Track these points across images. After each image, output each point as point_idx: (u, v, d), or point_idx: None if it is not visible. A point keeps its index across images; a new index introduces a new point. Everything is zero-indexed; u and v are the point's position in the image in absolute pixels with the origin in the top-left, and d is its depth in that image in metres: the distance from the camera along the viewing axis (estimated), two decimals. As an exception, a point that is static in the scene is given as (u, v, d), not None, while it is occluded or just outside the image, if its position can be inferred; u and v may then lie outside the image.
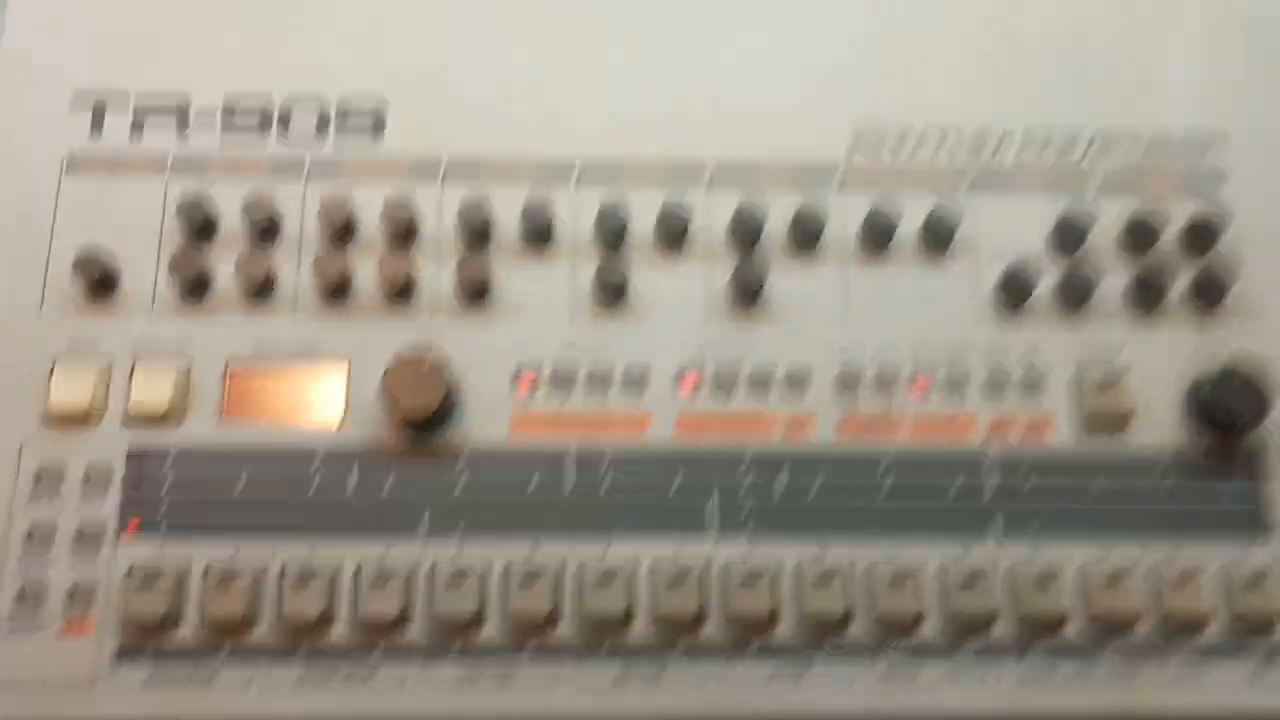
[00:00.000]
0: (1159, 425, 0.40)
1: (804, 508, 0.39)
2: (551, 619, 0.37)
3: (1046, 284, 0.41)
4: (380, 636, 0.37)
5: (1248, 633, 0.38)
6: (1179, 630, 0.38)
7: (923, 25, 0.45)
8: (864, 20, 0.45)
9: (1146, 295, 0.41)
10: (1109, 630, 0.38)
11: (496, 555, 0.38)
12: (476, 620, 0.37)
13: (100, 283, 0.40)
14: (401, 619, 0.37)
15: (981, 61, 0.44)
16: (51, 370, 0.39)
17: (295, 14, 0.43)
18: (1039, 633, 0.38)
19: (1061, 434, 0.40)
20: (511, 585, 0.37)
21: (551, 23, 0.44)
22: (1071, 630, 0.38)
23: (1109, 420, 0.40)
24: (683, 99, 0.43)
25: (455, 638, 0.37)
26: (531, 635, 0.37)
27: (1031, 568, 0.38)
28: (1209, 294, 0.41)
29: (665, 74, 0.43)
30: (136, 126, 0.42)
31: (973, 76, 0.44)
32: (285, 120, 0.42)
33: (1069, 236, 0.42)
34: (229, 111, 0.42)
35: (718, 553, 0.38)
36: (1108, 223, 0.42)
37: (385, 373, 0.38)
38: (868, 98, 0.44)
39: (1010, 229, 0.42)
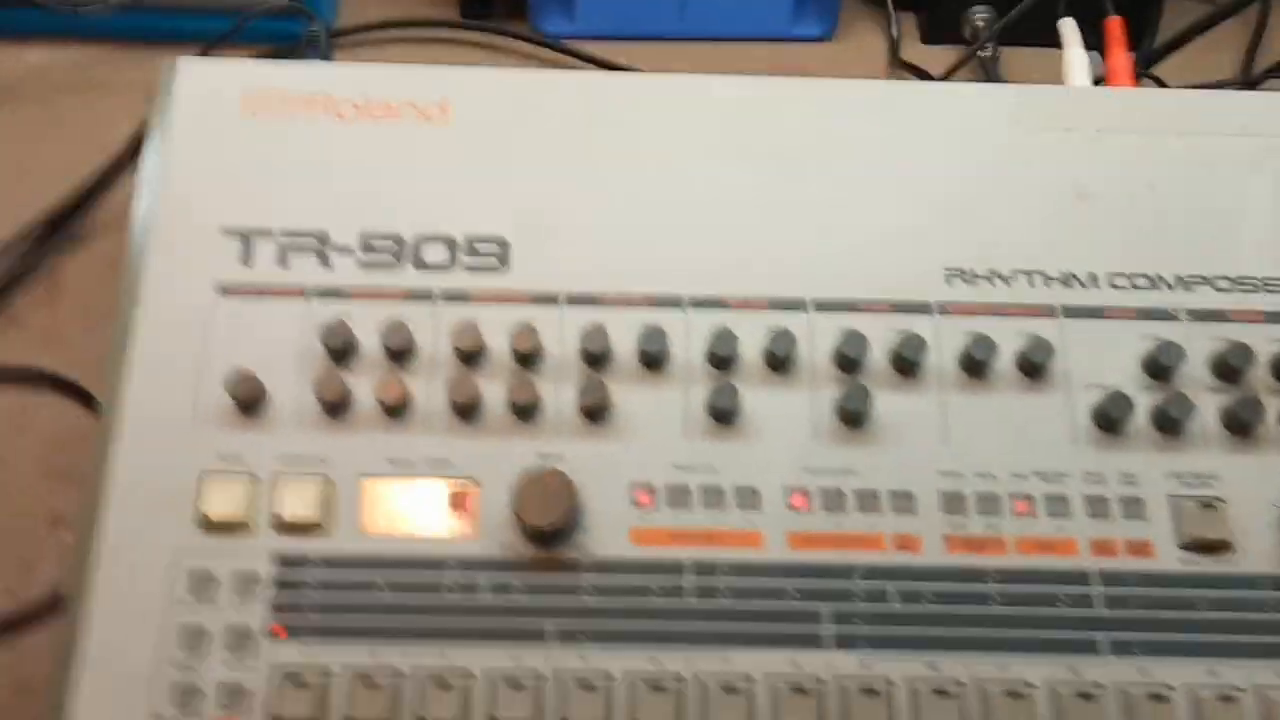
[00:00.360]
0: (1259, 547, 0.45)
1: (916, 623, 0.44)
2: (675, 727, 0.42)
3: (1141, 410, 0.47)
4: (512, 741, 0.42)
5: (1357, 753, 0.42)
6: (1290, 750, 0.42)
7: (1003, 176, 0.51)
8: (949, 170, 0.51)
9: (1239, 423, 0.47)
10: (1220, 748, 0.42)
11: (619, 663, 0.43)
12: (604, 727, 0.42)
13: (248, 401, 0.46)
14: (531, 724, 0.42)
15: (1060, 214, 0.50)
16: (202, 482, 0.45)
17: (423, 159, 0.51)
18: (1151, 750, 0.42)
19: (1162, 555, 0.45)
20: (637, 695, 0.42)
21: (662, 168, 0.51)
22: (1182, 748, 0.42)
23: (1208, 544, 0.45)
24: (784, 244, 0.50)
25: (582, 744, 0.42)
26: (656, 742, 0.42)
27: (1142, 686, 0.43)
28: (1299, 422, 0.47)
29: (769, 220, 0.50)
30: (281, 259, 0.49)
31: (1053, 227, 0.50)
32: (417, 253, 0.49)
33: (1161, 365, 0.47)
34: (365, 246, 0.49)
35: (833, 666, 0.43)
36: (1198, 352, 0.48)
37: (514, 487, 0.44)
38: (956, 242, 0.49)
39: (1103, 358, 0.48)
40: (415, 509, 0.45)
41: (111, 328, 0.55)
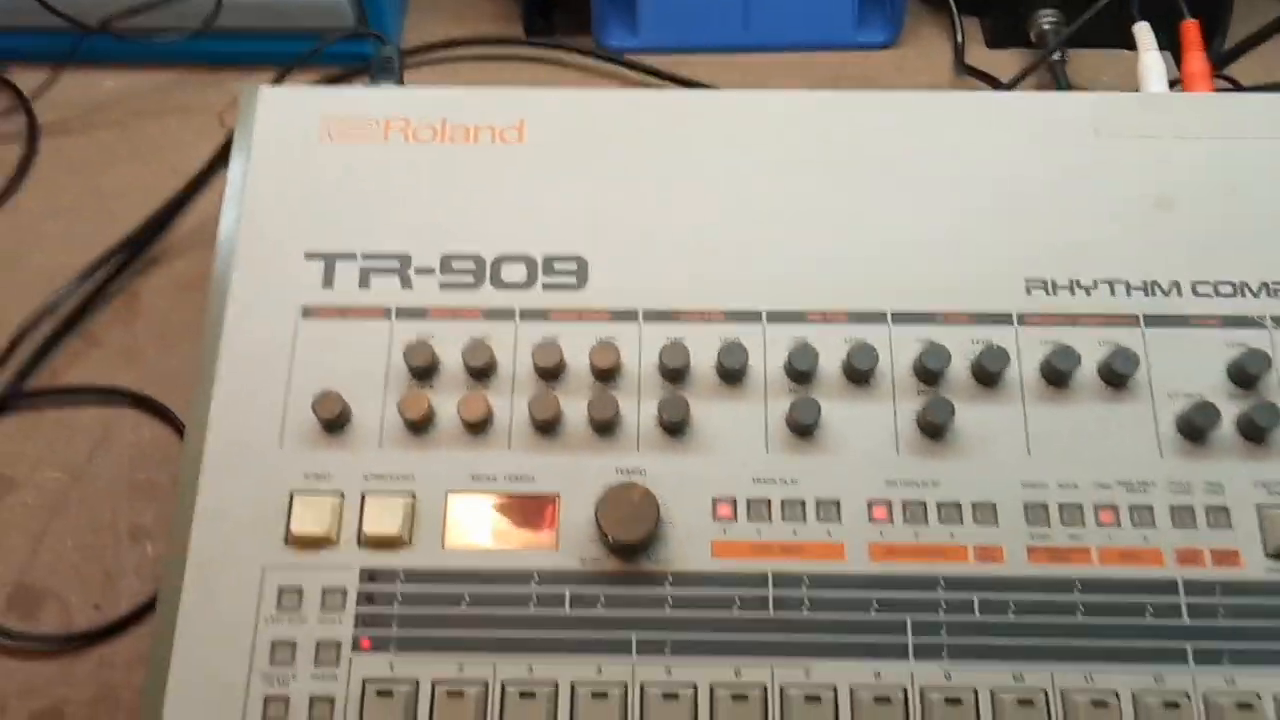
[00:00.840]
0: (1348, 556, 0.47)
1: (999, 633, 0.46)
2: (759, 738, 0.44)
3: (1227, 419, 0.48)
4: (599, 751, 0.44)
5: None
6: (1385, 760, 0.44)
7: (1082, 184, 0.53)
8: (1027, 178, 0.53)
9: (1326, 430, 0.48)
10: (1313, 760, 0.44)
11: (703, 674, 0.45)
12: (689, 737, 0.44)
13: (334, 420, 0.49)
14: (617, 736, 0.44)
15: (1141, 222, 0.52)
16: (291, 500, 0.48)
17: (500, 180, 0.54)
18: (1241, 761, 0.44)
19: (1250, 564, 0.47)
20: (719, 705, 0.45)
21: (735, 183, 0.53)
22: (1274, 759, 0.44)
23: (1297, 552, 0.47)
24: (862, 255, 0.52)
25: (670, 754, 0.44)
26: (742, 752, 0.44)
27: (1229, 695, 0.44)
28: (1388, 429, 0.48)
29: (846, 232, 0.52)
30: (364, 281, 0.52)
31: (1134, 235, 0.52)
32: (496, 273, 0.52)
33: (1247, 373, 0.49)
34: (446, 267, 0.52)
35: (917, 677, 0.45)
36: (1283, 359, 0.49)
37: (600, 501, 0.46)
38: (1036, 252, 0.51)
39: (1187, 366, 0.49)
40: (498, 524, 0.47)
41: (187, 346, 0.59)
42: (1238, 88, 0.64)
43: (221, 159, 0.65)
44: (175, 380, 0.60)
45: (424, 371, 0.49)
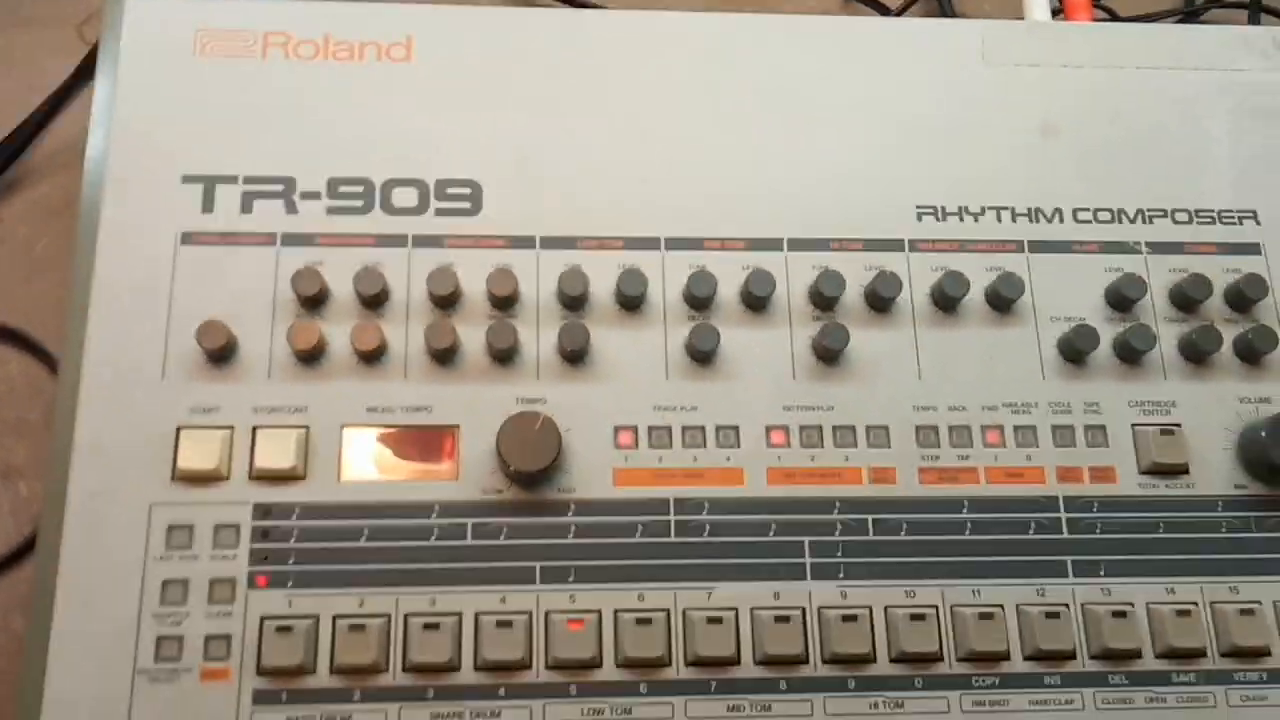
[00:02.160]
0: (1213, 470, 0.49)
1: (892, 552, 0.46)
2: (663, 660, 0.44)
3: (1104, 341, 0.50)
4: (504, 678, 0.44)
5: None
6: (1245, 657, 0.46)
7: (970, 112, 0.53)
8: (918, 107, 0.53)
9: (1196, 351, 0.50)
10: (1179, 660, 0.46)
11: (607, 600, 0.45)
12: (594, 663, 0.44)
13: (220, 351, 0.47)
14: (522, 663, 0.44)
15: (1027, 149, 0.53)
16: (177, 434, 0.46)
17: (389, 101, 0.51)
18: (1115, 664, 0.46)
19: (1125, 481, 0.48)
20: (623, 630, 0.44)
21: (633, 107, 0.52)
22: (1145, 661, 0.46)
23: (1167, 468, 0.48)
24: (758, 183, 0.51)
25: (574, 678, 0.44)
26: (645, 674, 0.44)
27: (1105, 605, 0.46)
28: (1252, 351, 0.50)
29: (742, 159, 0.51)
30: (246, 206, 0.49)
31: (1020, 162, 0.52)
32: (387, 198, 0.50)
33: (1123, 297, 0.50)
34: (333, 191, 0.50)
35: (814, 596, 0.46)
36: (1158, 284, 0.51)
37: (500, 431, 0.45)
38: (925, 181, 0.51)
39: (1068, 291, 0.51)
40: (395, 456, 0.46)
41: (54, 275, 0.56)
42: (1115, 18, 0.65)
43: (84, 75, 0.61)
44: (42, 312, 0.56)
45: (314, 300, 0.47)
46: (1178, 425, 0.49)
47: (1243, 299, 0.50)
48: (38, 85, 0.61)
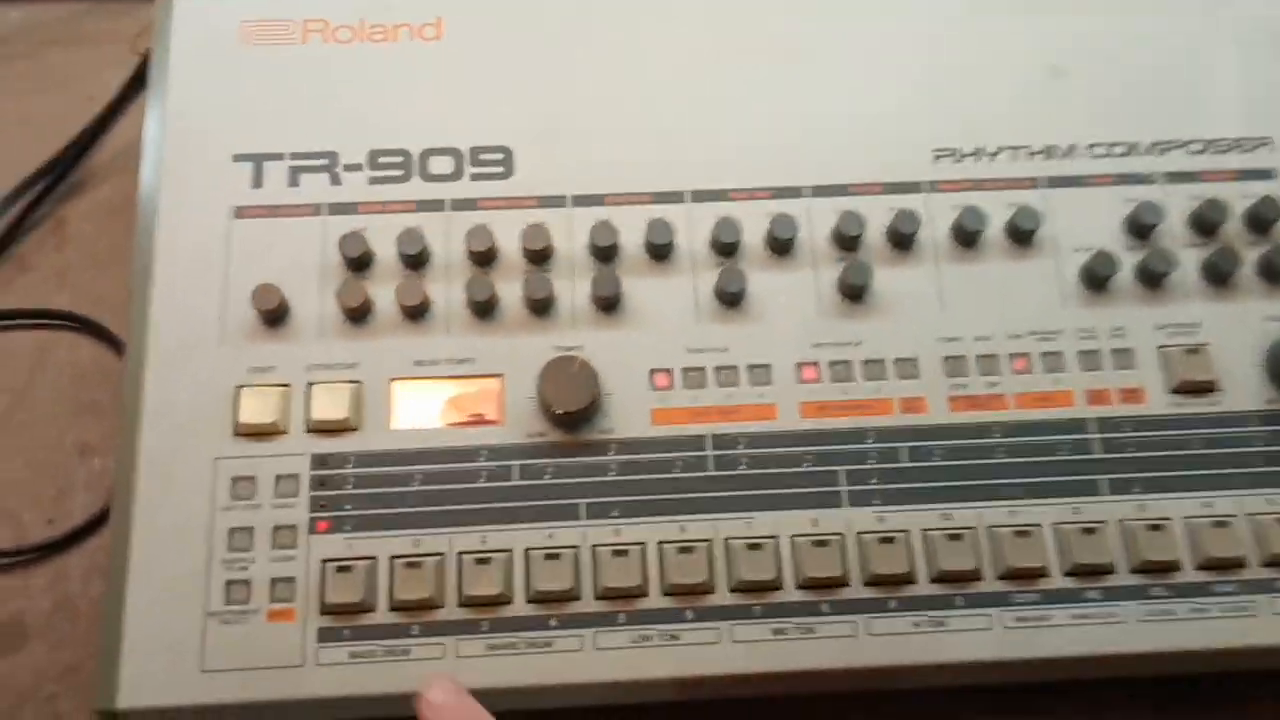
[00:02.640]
0: (1243, 387, 0.49)
1: (927, 477, 0.47)
2: (707, 587, 0.46)
3: (1126, 268, 0.51)
4: (555, 609, 0.45)
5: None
6: (1283, 566, 0.46)
7: (981, 57, 0.54)
8: (929, 55, 0.54)
9: (1218, 273, 0.50)
10: (1219, 571, 0.46)
11: (650, 533, 0.46)
12: (640, 591, 0.45)
13: (274, 314, 0.49)
14: (571, 594, 0.45)
15: (1039, 89, 0.54)
16: (237, 394, 0.48)
17: (422, 76, 0.54)
18: (1155, 577, 0.46)
19: (1154, 400, 0.49)
20: (667, 559, 0.46)
21: (652, 67, 0.54)
22: (1185, 573, 0.46)
23: (1195, 386, 0.49)
24: (779, 134, 0.53)
25: (622, 607, 0.45)
26: (690, 600, 0.45)
27: (1141, 520, 0.47)
28: (1274, 270, 0.51)
29: (762, 111, 0.53)
30: (293, 180, 0.52)
31: (1032, 103, 0.53)
32: (424, 166, 0.52)
33: (1142, 225, 0.51)
34: (374, 163, 0.52)
35: (851, 522, 0.47)
36: (1176, 211, 0.52)
37: (540, 375, 0.47)
38: (941, 123, 0.53)
39: (1087, 222, 0.51)
40: (443, 404, 0.48)
41: (118, 268, 0.59)
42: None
43: (138, 83, 0.63)
44: (109, 301, 0.59)
45: (359, 262, 0.49)
46: (1204, 344, 0.49)
47: (1261, 220, 0.51)
48: (96, 96, 0.64)
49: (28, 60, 0.66)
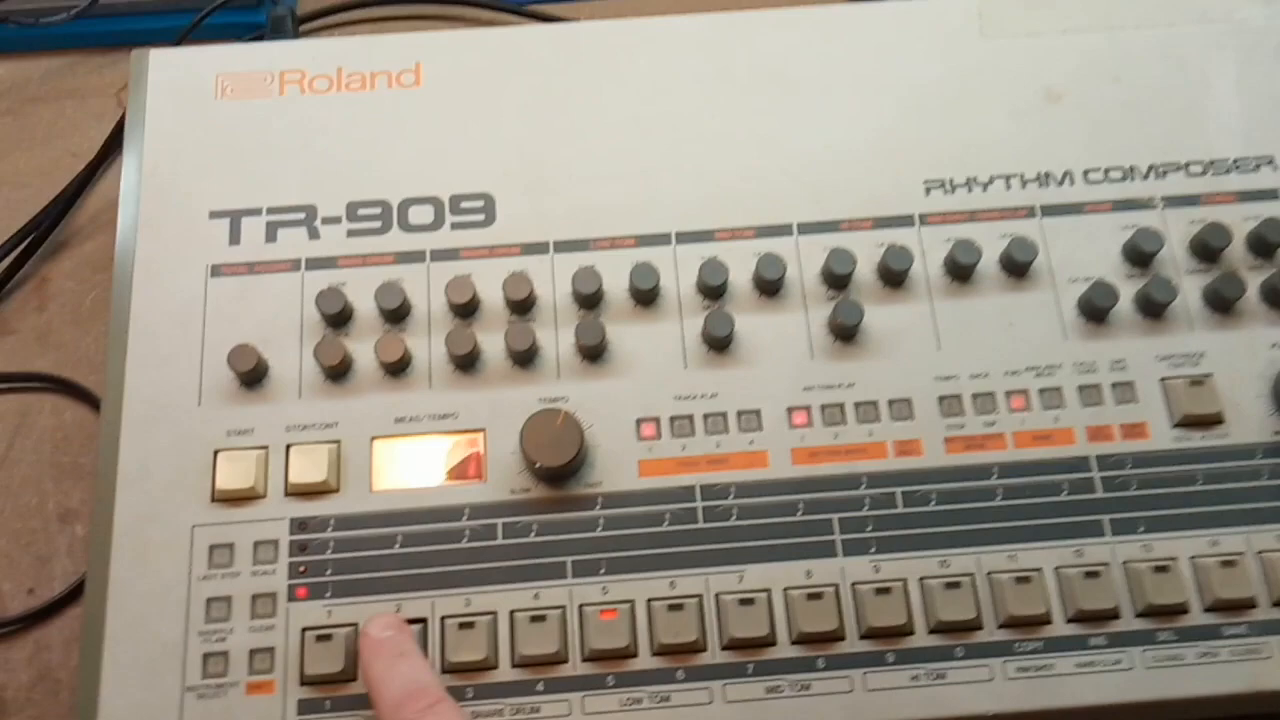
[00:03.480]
0: (1249, 418, 0.47)
1: (923, 523, 0.46)
2: (698, 645, 0.44)
3: (1125, 298, 0.49)
4: (541, 673, 0.44)
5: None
6: (1297, 606, 0.44)
7: (973, 84, 0.53)
8: (919, 83, 0.53)
9: (1221, 300, 0.49)
10: (1228, 613, 0.44)
11: (639, 589, 0.45)
12: (629, 652, 0.44)
13: (252, 375, 0.48)
14: (558, 656, 0.44)
15: (1032, 116, 0.52)
16: (215, 457, 0.47)
17: (401, 125, 0.53)
18: (1162, 621, 0.44)
19: (1157, 435, 0.47)
20: (657, 617, 0.44)
21: (635, 111, 0.52)
22: (1193, 616, 0.45)
23: (1200, 419, 0.47)
24: (764, 171, 0.51)
25: (611, 669, 0.44)
26: (682, 659, 0.44)
27: (1146, 561, 0.45)
28: (1277, 296, 0.49)
29: (747, 150, 0.51)
30: (270, 235, 0.51)
31: (1025, 129, 0.52)
32: (404, 217, 0.51)
33: (1141, 252, 0.49)
34: (353, 215, 0.51)
35: (846, 572, 0.45)
36: (1176, 237, 0.50)
37: (523, 429, 0.45)
38: (932, 154, 0.51)
39: (1084, 251, 0.50)
40: (425, 464, 0.46)
41: (102, 326, 0.58)
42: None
43: (121, 137, 0.63)
44: (92, 362, 0.58)
45: (338, 318, 0.48)
46: (1208, 375, 0.47)
47: (1264, 244, 0.49)
48: (80, 152, 0.64)
49: (10, 116, 0.66)
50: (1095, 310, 0.48)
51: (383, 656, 0.41)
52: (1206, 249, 0.49)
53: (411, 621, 0.44)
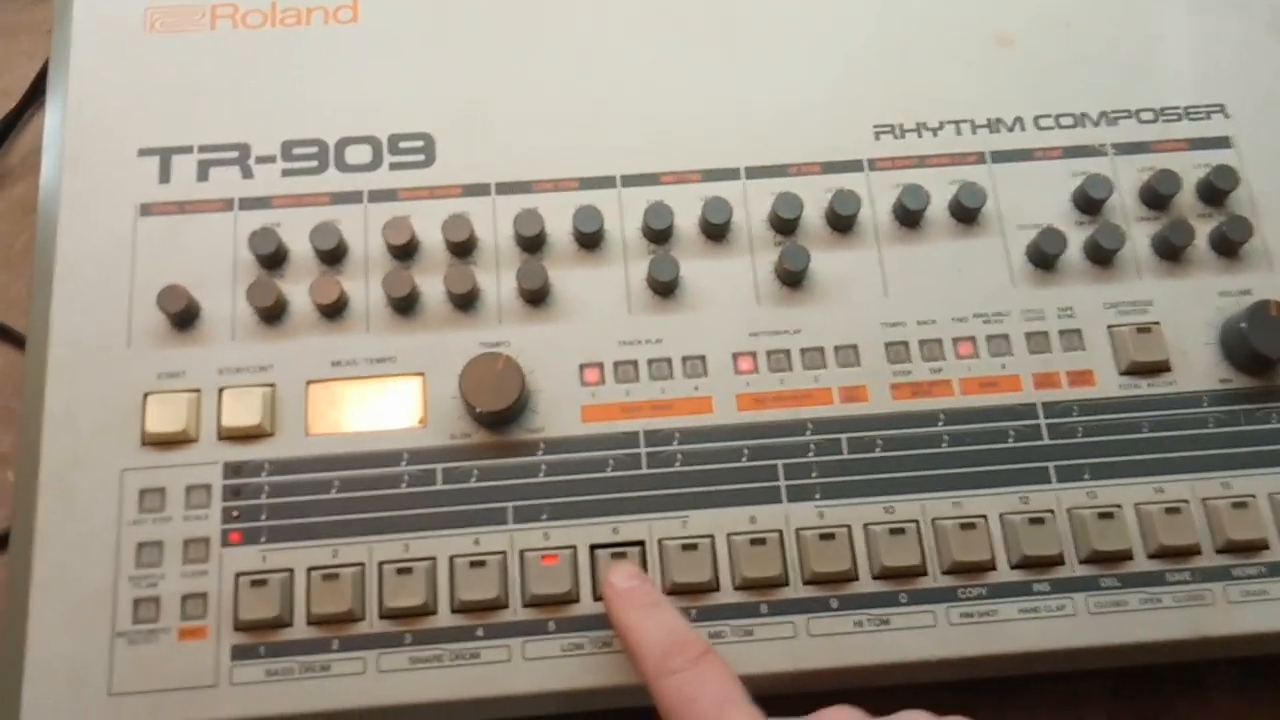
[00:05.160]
0: (1196, 366, 0.47)
1: (868, 469, 0.45)
2: (640, 591, 0.43)
3: (1075, 246, 0.49)
4: (481, 618, 0.43)
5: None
6: (1242, 552, 0.45)
7: (922, 28, 0.52)
8: (868, 27, 0.52)
9: (1170, 248, 0.48)
10: (1172, 560, 0.45)
11: (582, 535, 0.44)
12: (570, 598, 0.43)
13: (182, 316, 0.46)
14: (498, 602, 0.43)
15: (982, 61, 0.52)
16: (145, 400, 0.45)
17: (338, 62, 0.51)
18: (1106, 567, 0.45)
19: (1104, 382, 0.47)
20: (599, 562, 0.44)
21: (580, 50, 0.51)
22: (1136, 563, 0.45)
23: (1147, 367, 0.47)
24: (711, 115, 0.50)
25: (552, 614, 0.43)
26: (623, 606, 0.43)
27: (1091, 508, 0.45)
28: (1228, 243, 0.49)
29: (694, 92, 0.51)
30: (202, 174, 0.49)
31: (975, 75, 0.51)
32: (341, 156, 0.50)
33: (1090, 199, 0.49)
34: (287, 154, 0.50)
35: (791, 518, 0.45)
36: (1126, 184, 0.50)
37: (462, 373, 0.45)
38: (882, 98, 0.51)
39: (1034, 197, 0.49)
40: (361, 406, 0.45)
41: (32, 269, 0.56)
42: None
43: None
44: (23, 306, 0.56)
45: (272, 259, 0.47)
46: (1156, 323, 0.47)
47: (1214, 192, 0.49)
48: (10, 90, 0.62)
49: (-64, 55, 0.63)
50: (1044, 257, 0.48)
51: (636, 606, 0.40)
52: (1156, 196, 0.49)
53: (348, 566, 0.43)
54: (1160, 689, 0.48)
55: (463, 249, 0.47)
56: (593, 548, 0.44)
